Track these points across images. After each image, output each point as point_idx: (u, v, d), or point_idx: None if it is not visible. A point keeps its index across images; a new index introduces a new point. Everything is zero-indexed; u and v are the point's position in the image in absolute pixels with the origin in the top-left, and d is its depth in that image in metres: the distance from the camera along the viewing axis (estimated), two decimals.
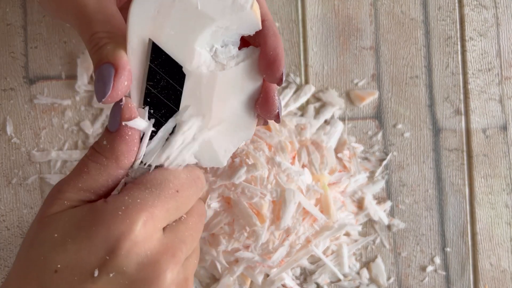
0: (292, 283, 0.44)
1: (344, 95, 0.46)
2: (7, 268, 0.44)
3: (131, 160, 0.30)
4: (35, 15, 0.45)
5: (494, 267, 0.46)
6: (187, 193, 0.30)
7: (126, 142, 0.29)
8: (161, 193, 0.29)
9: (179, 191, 0.29)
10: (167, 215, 0.29)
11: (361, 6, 0.46)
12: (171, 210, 0.29)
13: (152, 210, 0.28)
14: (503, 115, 0.46)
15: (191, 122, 0.31)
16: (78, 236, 0.27)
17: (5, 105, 0.45)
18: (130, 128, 0.29)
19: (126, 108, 0.29)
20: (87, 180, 0.29)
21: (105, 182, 0.29)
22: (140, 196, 0.28)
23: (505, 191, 0.46)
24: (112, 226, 0.27)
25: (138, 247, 0.27)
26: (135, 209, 0.27)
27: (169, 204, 0.29)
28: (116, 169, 0.29)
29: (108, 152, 0.29)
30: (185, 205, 0.30)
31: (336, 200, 0.43)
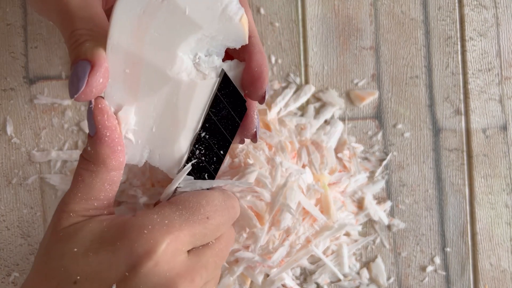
0: (292, 283, 0.44)
1: (344, 95, 0.46)
2: (7, 268, 0.44)
3: (119, 160, 0.29)
4: (35, 15, 0.45)
5: (494, 267, 0.46)
6: (217, 221, 0.29)
7: (107, 144, 0.29)
8: (190, 218, 0.28)
9: (209, 218, 0.29)
10: (193, 239, 0.28)
11: (361, 6, 0.46)
12: (198, 235, 0.29)
13: (178, 234, 0.28)
14: (503, 115, 0.46)
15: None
16: (101, 249, 0.27)
17: (5, 105, 0.45)
18: (107, 129, 0.29)
19: (96, 110, 0.28)
20: (84, 188, 0.29)
21: (102, 187, 0.29)
22: (169, 217, 0.28)
23: (505, 191, 0.46)
24: (136, 243, 0.27)
25: (159, 267, 0.27)
26: (162, 230, 0.27)
27: (196, 229, 0.28)
28: (107, 172, 0.29)
29: (94, 157, 0.29)
30: (214, 233, 0.30)
31: (336, 200, 0.43)
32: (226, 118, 0.31)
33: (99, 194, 0.30)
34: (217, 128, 0.31)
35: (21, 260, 0.45)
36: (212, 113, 0.30)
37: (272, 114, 0.44)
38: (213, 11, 0.28)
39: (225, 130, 0.31)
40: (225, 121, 0.31)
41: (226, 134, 0.31)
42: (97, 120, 0.28)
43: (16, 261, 0.45)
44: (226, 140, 0.31)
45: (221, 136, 0.31)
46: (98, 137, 0.29)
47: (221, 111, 0.31)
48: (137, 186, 0.42)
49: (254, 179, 0.38)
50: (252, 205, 0.38)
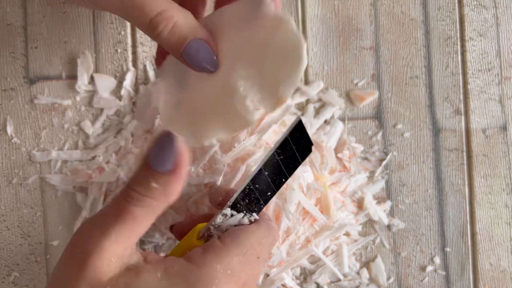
0: (292, 283, 0.44)
1: (344, 95, 0.46)
2: (7, 268, 0.44)
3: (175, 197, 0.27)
4: (35, 15, 0.45)
5: (494, 267, 0.46)
6: (265, 256, 0.30)
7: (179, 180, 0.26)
8: (246, 262, 0.28)
9: (259, 257, 0.29)
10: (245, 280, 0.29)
11: (361, 6, 0.46)
12: (250, 276, 0.29)
13: (238, 281, 0.27)
14: (503, 115, 0.46)
15: None
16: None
17: (6, 105, 0.45)
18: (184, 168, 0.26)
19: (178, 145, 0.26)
20: (133, 227, 0.26)
21: (148, 225, 0.27)
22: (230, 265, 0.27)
23: (504, 191, 0.46)
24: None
25: None
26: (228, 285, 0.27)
27: (249, 271, 0.29)
28: (165, 208, 0.27)
29: (160, 194, 0.26)
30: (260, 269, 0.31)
31: (336, 200, 0.43)
32: (289, 158, 0.31)
33: (142, 232, 0.27)
34: (278, 166, 0.31)
35: (21, 260, 0.45)
36: (277, 153, 0.31)
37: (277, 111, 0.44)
38: None
39: (285, 168, 0.32)
40: (288, 161, 0.31)
41: (285, 171, 0.32)
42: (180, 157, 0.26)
43: (16, 261, 0.45)
44: (284, 177, 0.32)
45: (280, 174, 0.32)
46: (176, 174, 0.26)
47: (286, 153, 0.31)
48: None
49: None
50: None
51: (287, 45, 0.30)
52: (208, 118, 0.32)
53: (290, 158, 0.31)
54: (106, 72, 0.45)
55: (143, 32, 0.31)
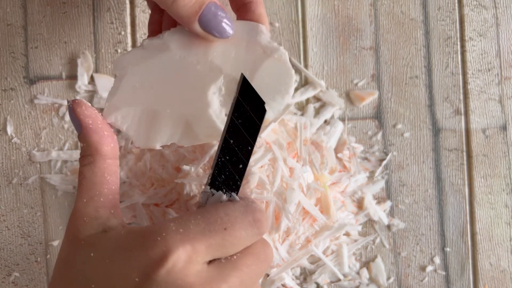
0: (292, 283, 0.44)
1: (344, 95, 0.46)
2: (7, 268, 0.44)
3: (110, 145, 0.31)
4: (35, 15, 0.45)
5: (494, 267, 0.46)
6: (237, 233, 0.29)
7: (92, 131, 0.30)
8: (206, 228, 0.28)
9: (227, 229, 0.28)
10: (210, 250, 0.28)
11: (361, 6, 0.46)
12: (215, 246, 0.28)
13: (192, 242, 0.27)
14: (503, 115, 0.46)
15: None
16: (117, 257, 0.27)
17: (6, 105, 0.45)
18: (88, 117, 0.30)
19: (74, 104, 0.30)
20: (88, 185, 0.30)
21: (102, 178, 0.30)
22: (185, 226, 0.28)
23: (504, 191, 0.46)
24: (149, 250, 0.27)
25: (171, 276, 0.26)
26: (175, 238, 0.27)
27: (212, 240, 0.28)
28: (103, 160, 0.30)
29: (87, 149, 0.30)
30: (233, 245, 0.29)
31: (336, 200, 0.43)
32: (247, 121, 0.32)
33: (103, 188, 0.30)
34: (240, 132, 0.32)
35: (21, 260, 0.45)
36: (235, 117, 0.31)
37: None
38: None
39: (247, 134, 0.32)
40: (247, 125, 0.32)
41: (249, 138, 0.32)
42: (77, 112, 0.30)
43: (17, 261, 0.45)
44: (249, 144, 0.32)
45: (244, 140, 0.32)
46: (84, 128, 0.30)
47: (243, 115, 0.31)
48: (136, 187, 0.42)
49: (255, 183, 0.38)
50: None
51: (278, 73, 0.34)
52: (167, 123, 0.33)
53: (248, 121, 0.32)
54: (106, 72, 0.45)
55: (159, 2, 0.32)
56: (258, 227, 0.30)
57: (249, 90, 0.31)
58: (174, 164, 0.41)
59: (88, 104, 0.31)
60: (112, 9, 0.45)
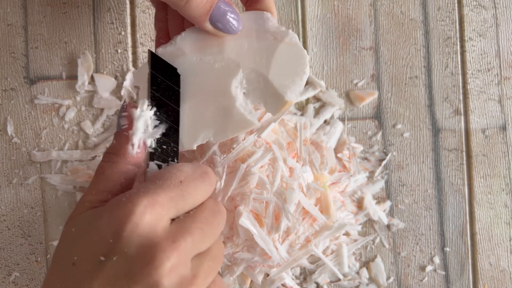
0: (292, 283, 0.44)
1: (343, 95, 0.46)
2: (7, 267, 0.45)
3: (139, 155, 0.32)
4: (35, 16, 0.45)
5: (494, 266, 0.46)
6: (192, 184, 0.31)
7: (131, 137, 0.32)
8: (164, 183, 0.30)
9: (182, 182, 0.30)
10: (171, 203, 0.29)
11: (361, 6, 0.46)
12: (175, 198, 0.29)
13: (154, 197, 0.28)
14: (502, 115, 0.46)
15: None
16: (91, 228, 0.29)
17: (6, 105, 0.45)
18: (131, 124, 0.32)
19: (129, 105, 0.32)
20: (103, 180, 0.31)
21: (118, 179, 0.31)
22: (144, 186, 0.29)
23: (504, 191, 0.46)
24: (115, 210, 0.28)
25: (140, 229, 0.28)
26: (138, 195, 0.28)
27: (172, 192, 0.29)
28: (125, 164, 0.31)
29: (116, 148, 0.32)
30: (191, 196, 0.30)
31: (336, 200, 0.44)
32: (167, 90, 0.33)
33: (115, 188, 0.31)
34: (163, 102, 0.33)
35: (21, 260, 0.45)
36: (154, 90, 0.33)
37: None
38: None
39: (170, 101, 0.33)
40: (167, 94, 0.33)
41: (173, 105, 0.33)
42: (131, 112, 0.32)
43: (17, 261, 0.45)
44: (175, 111, 0.34)
45: (169, 108, 0.33)
46: (127, 130, 0.32)
47: (161, 85, 0.33)
48: None
49: (255, 183, 0.38)
50: (252, 208, 0.38)
51: (292, 56, 0.35)
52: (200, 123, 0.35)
53: (167, 90, 0.33)
54: (107, 72, 0.45)
55: (170, 3, 0.34)
56: (209, 178, 0.32)
57: (159, 61, 0.33)
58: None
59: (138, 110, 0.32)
60: (112, 9, 0.45)
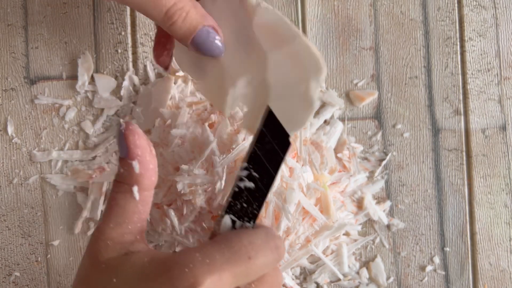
0: (292, 283, 0.44)
1: (343, 95, 0.46)
2: (8, 267, 0.45)
3: (151, 179, 0.30)
4: (36, 16, 0.45)
5: (494, 266, 0.46)
6: (260, 261, 0.29)
7: (139, 162, 0.29)
8: (232, 257, 0.28)
9: (251, 258, 0.28)
10: (235, 280, 0.28)
11: (361, 6, 0.46)
12: (240, 276, 0.28)
13: (219, 273, 0.27)
14: (502, 115, 0.46)
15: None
16: (142, 284, 0.27)
17: (6, 105, 0.45)
18: (138, 148, 0.29)
19: (127, 131, 0.29)
20: (118, 211, 0.30)
21: (135, 208, 0.30)
22: (211, 256, 0.28)
23: (504, 191, 0.46)
24: (177, 281, 0.26)
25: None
26: (203, 268, 0.27)
27: (238, 269, 0.28)
28: (141, 191, 0.30)
29: (127, 178, 0.30)
30: (257, 273, 0.29)
31: (335, 200, 0.44)
32: (270, 153, 0.31)
33: (133, 216, 0.30)
34: (262, 163, 0.31)
35: (22, 260, 0.45)
36: (258, 148, 0.31)
37: None
38: None
39: (269, 164, 0.31)
40: (269, 156, 0.31)
41: (270, 169, 0.31)
42: (129, 140, 0.29)
43: (17, 261, 0.45)
44: (270, 175, 0.32)
45: (266, 171, 0.31)
46: (130, 158, 0.29)
47: (266, 146, 0.31)
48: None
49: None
50: None
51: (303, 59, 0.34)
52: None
53: (270, 153, 0.31)
54: (107, 72, 0.45)
55: (157, 22, 0.34)
56: (278, 254, 0.30)
57: (274, 122, 0.31)
58: (174, 164, 0.41)
59: (141, 133, 0.30)
60: (112, 10, 0.45)
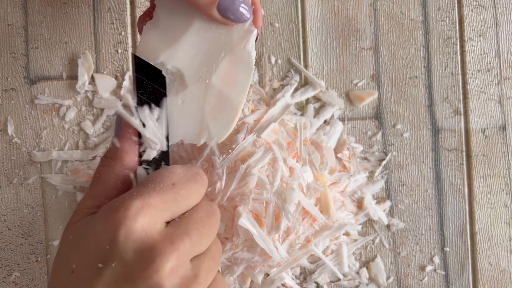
0: (292, 283, 0.44)
1: (343, 95, 0.46)
2: (8, 267, 0.45)
3: (134, 158, 0.32)
4: (36, 16, 0.45)
5: (493, 266, 0.46)
6: (185, 185, 0.30)
7: (126, 139, 0.32)
8: (156, 186, 0.30)
9: (175, 184, 0.30)
10: (165, 206, 0.29)
11: (361, 6, 0.46)
12: (169, 201, 0.29)
13: (147, 200, 0.28)
14: (502, 115, 0.46)
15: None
16: (87, 234, 0.28)
17: (6, 105, 0.45)
18: (129, 128, 0.32)
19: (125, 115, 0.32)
20: (99, 185, 0.31)
21: (115, 184, 0.31)
22: (136, 190, 0.29)
23: (504, 191, 0.46)
24: (109, 215, 0.28)
25: (135, 233, 0.27)
26: (130, 198, 0.28)
27: (165, 195, 0.29)
28: (122, 167, 0.31)
29: (113, 152, 0.32)
30: (184, 198, 0.30)
31: (335, 200, 0.44)
32: (153, 93, 0.33)
33: (111, 192, 0.31)
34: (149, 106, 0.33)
35: (22, 260, 0.45)
36: (141, 94, 0.33)
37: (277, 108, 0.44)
38: None
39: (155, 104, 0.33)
40: (154, 96, 0.33)
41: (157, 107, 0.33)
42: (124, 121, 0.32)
43: (17, 261, 0.45)
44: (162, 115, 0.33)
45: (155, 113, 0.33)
46: (122, 134, 0.32)
47: (147, 89, 0.33)
48: None
49: (254, 183, 0.38)
50: (252, 208, 0.38)
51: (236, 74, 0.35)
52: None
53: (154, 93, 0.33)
54: (107, 72, 0.45)
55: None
56: (201, 179, 0.32)
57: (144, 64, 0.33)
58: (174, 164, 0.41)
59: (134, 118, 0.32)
60: (112, 10, 0.45)
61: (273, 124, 0.42)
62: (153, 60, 0.34)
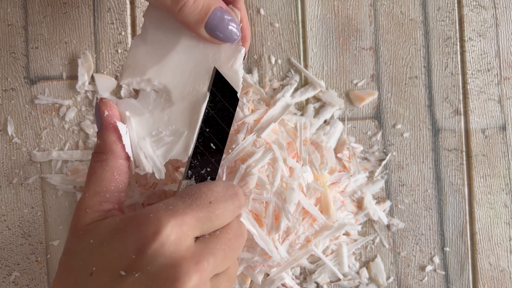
0: (292, 283, 0.44)
1: (343, 95, 0.46)
2: (8, 267, 0.45)
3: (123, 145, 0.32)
4: (36, 16, 0.45)
5: (493, 266, 0.46)
6: (221, 205, 0.31)
7: (111, 130, 0.32)
8: (193, 203, 0.30)
9: (211, 202, 0.30)
10: (198, 224, 0.29)
11: (361, 6, 0.46)
12: (203, 219, 0.29)
13: (182, 217, 0.28)
14: (502, 115, 0.46)
15: None
16: (113, 239, 0.28)
17: (6, 105, 0.45)
18: (111, 117, 0.32)
19: (101, 103, 0.32)
20: (96, 180, 0.31)
21: (111, 176, 0.31)
22: (173, 203, 0.29)
23: (504, 191, 0.46)
24: (142, 227, 0.28)
25: (165, 249, 0.27)
26: (166, 213, 0.28)
27: (200, 213, 0.29)
28: (115, 159, 0.32)
29: (102, 146, 0.32)
30: (218, 218, 0.30)
31: (335, 200, 0.44)
32: (222, 110, 0.34)
33: (110, 185, 0.31)
34: (215, 121, 0.34)
35: (22, 260, 0.45)
36: (210, 107, 0.33)
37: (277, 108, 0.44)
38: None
39: (222, 121, 0.34)
40: (222, 114, 0.34)
41: (224, 125, 0.34)
42: (102, 111, 0.32)
43: (17, 261, 0.45)
44: (224, 132, 0.34)
45: (219, 128, 0.34)
46: (104, 126, 0.32)
47: (217, 105, 0.33)
48: (136, 187, 0.42)
49: (254, 183, 0.38)
50: (251, 208, 0.38)
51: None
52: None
53: (222, 111, 0.34)
54: (107, 72, 0.45)
55: (165, 8, 0.33)
56: (238, 200, 0.32)
57: (222, 81, 0.33)
58: (174, 164, 0.41)
59: (113, 105, 0.32)
60: (112, 10, 0.45)
61: (273, 124, 0.42)
62: (140, 75, 0.34)
